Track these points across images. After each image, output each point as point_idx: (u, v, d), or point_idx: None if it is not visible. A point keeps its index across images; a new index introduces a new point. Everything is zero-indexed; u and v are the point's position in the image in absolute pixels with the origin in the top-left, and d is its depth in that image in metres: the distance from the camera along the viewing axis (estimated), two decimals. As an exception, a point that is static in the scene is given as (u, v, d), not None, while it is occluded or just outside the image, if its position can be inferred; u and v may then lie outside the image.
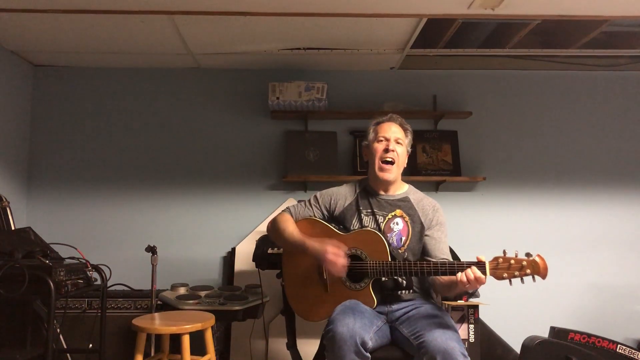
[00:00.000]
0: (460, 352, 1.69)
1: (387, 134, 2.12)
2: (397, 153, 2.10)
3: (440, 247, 2.08)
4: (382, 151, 2.10)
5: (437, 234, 2.10)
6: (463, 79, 3.40)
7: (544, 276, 1.75)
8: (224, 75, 3.39)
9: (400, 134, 2.13)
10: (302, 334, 2.40)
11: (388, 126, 2.15)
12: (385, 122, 2.17)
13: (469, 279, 1.77)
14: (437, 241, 2.09)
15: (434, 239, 2.09)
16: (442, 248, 2.08)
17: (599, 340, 2.62)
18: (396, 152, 2.10)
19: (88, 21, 2.66)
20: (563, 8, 2.48)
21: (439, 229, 2.11)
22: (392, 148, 2.09)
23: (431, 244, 2.09)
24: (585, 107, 3.39)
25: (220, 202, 3.31)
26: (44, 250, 2.26)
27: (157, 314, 2.50)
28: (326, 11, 2.51)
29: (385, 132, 2.12)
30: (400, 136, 2.13)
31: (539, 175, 3.34)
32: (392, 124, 2.15)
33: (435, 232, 2.10)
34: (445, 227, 2.14)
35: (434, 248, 2.08)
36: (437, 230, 2.11)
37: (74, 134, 3.34)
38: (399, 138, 2.12)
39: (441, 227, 2.12)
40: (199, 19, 2.61)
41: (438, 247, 2.08)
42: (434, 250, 2.08)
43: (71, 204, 3.29)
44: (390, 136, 2.11)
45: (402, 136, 2.13)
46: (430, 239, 2.09)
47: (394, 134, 2.12)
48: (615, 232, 3.30)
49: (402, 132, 2.15)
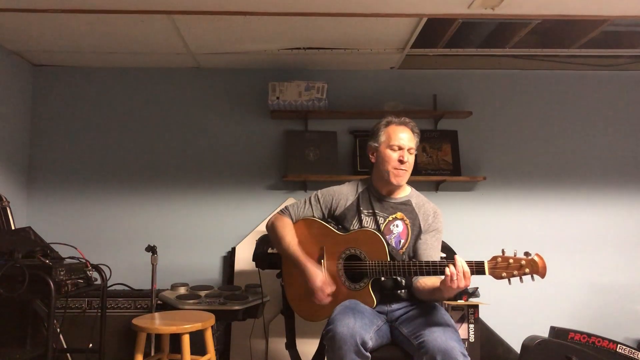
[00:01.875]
0: (460, 352, 1.70)
1: (402, 142, 2.07)
2: (410, 162, 2.09)
3: (429, 253, 2.06)
4: (396, 161, 2.06)
5: (431, 240, 2.09)
6: (463, 78, 3.40)
7: (543, 275, 1.75)
8: (224, 75, 3.39)
9: (412, 143, 2.10)
10: (302, 334, 2.40)
11: (401, 132, 2.09)
12: (397, 125, 2.12)
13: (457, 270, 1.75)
14: (429, 246, 2.07)
15: (426, 244, 2.08)
16: (431, 254, 2.06)
17: (599, 340, 2.62)
18: (408, 161, 2.08)
19: (88, 21, 2.66)
20: (563, 8, 2.48)
21: (434, 235, 2.10)
22: (407, 159, 2.07)
23: (422, 247, 2.07)
24: (585, 107, 3.39)
25: (220, 201, 3.31)
26: (44, 250, 2.26)
27: (157, 313, 2.50)
28: (326, 11, 2.51)
29: (400, 141, 2.07)
30: (412, 145, 2.09)
31: (539, 175, 3.34)
32: (405, 129, 2.10)
33: (429, 238, 2.09)
34: (440, 235, 2.13)
35: (423, 253, 2.06)
36: (432, 236, 2.10)
37: (74, 134, 3.34)
38: (411, 148, 2.09)
39: (437, 233, 2.11)
40: (199, 18, 2.61)
41: (427, 253, 2.06)
42: (422, 255, 2.06)
43: (71, 204, 3.29)
44: (404, 145, 2.07)
45: (414, 144, 2.10)
46: (422, 242, 2.08)
47: (408, 143, 2.08)
48: (615, 232, 3.29)
49: (413, 139, 2.11)
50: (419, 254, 2.07)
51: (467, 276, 1.76)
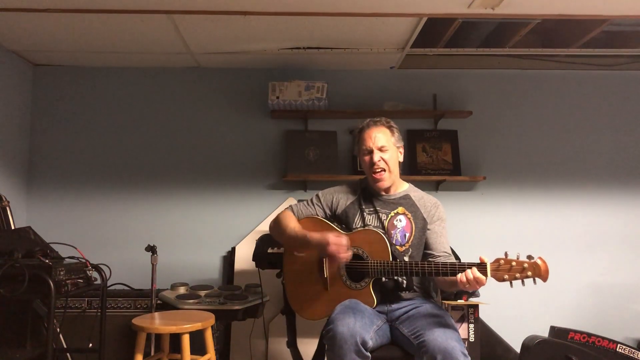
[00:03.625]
0: (460, 352, 1.70)
1: (369, 143, 2.07)
2: (385, 159, 2.06)
3: (441, 241, 2.09)
4: (369, 165, 2.08)
5: (438, 228, 2.12)
6: (463, 78, 3.40)
7: (545, 279, 1.75)
8: (224, 74, 3.39)
9: (383, 140, 2.07)
10: (302, 334, 2.40)
11: (369, 134, 2.09)
12: (365, 129, 2.12)
13: (468, 280, 1.78)
14: (438, 235, 2.10)
15: (435, 233, 2.10)
16: (442, 242, 2.10)
17: (598, 340, 2.62)
18: (382, 160, 2.06)
19: (88, 21, 2.66)
20: (563, 8, 2.48)
21: (439, 224, 2.13)
22: (377, 159, 2.05)
23: (432, 237, 2.10)
24: (585, 106, 3.39)
25: (220, 201, 3.31)
26: (44, 250, 2.25)
27: (157, 313, 2.50)
28: (326, 11, 2.51)
29: (367, 143, 2.07)
30: (383, 142, 2.07)
31: (539, 174, 3.34)
32: (373, 130, 2.09)
33: (436, 227, 2.11)
34: (445, 223, 2.15)
35: (435, 242, 2.09)
36: (438, 225, 2.12)
37: (74, 134, 3.34)
38: (383, 146, 2.06)
39: (442, 222, 2.14)
40: (199, 18, 2.61)
41: (439, 241, 2.09)
42: (435, 243, 2.09)
43: (71, 203, 3.29)
44: (372, 146, 2.06)
45: (385, 141, 2.07)
46: (431, 232, 2.10)
47: (376, 142, 2.06)
48: (615, 231, 3.29)
49: (385, 135, 2.08)
50: (431, 244, 2.09)
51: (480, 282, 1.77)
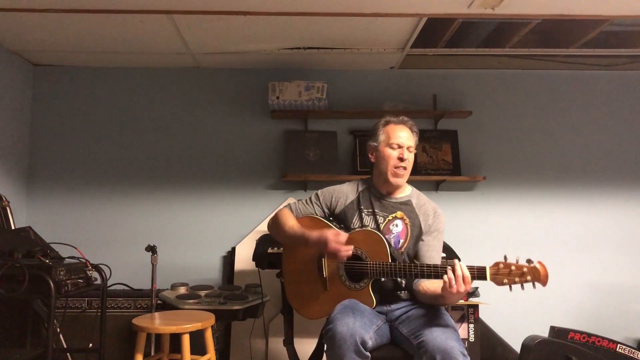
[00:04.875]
0: (459, 352, 1.69)
1: (401, 141, 2.08)
2: (409, 160, 2.10)
3: (431, 255, 2.05)
4: (396, 159, 2.07)
5: (433, 241, 2.08)
6: (463, 78, 3.40)
7: (545, 284, 1.73)
8: (224, 75, 3.39)
9: (411, 141, 2.11)
10: (300, 333, 2.41)
11: (400, 131, 2.10)
12: (396, 124, 2.12)
13: (456, 276, 1.74)
14: (430, 248, 2.07)
15: (428, 245, 2.07)
16: (432, 256, 2.05)
17: (598, 340, 2.62)
18: (408, 159, 2.09)
19: (88, 21, 2.66)
20: (563, 8, 2.48)
21: (435, 236, 2.09)
22: (406, 157, 2.07)
23: (423, 249, 2.07)
24: (585, 106, 3.39)
25: (220, 201, 3.31)
26: (44, 250, 2.26)
27: (157, 313, 2.50)
28: (326, 11, 2.51)
29: (399, 139, 2.08)
30: (411, 143, 2.10)
31: (539, 175, 3.34)
32: (404, 128, 2.11)
33: (430, 239, 2.08)
34: (442, 236, 2.12)
35: (425, 255, 2.05)
36: (434, 237, 2.09)
37: (74, 134, 3.34)
38: (410, 146, 2.10)
39: (438, 234, 2.10)
40: (199, 18, 2.61)
41: (429, 255, 2.05)
42: (423, 256, 2.05)
43: (71, 203, 3.29)
44: (404, 144, 2.08)
45: (413, 143, 2.11)
46: (423, 244, 2.07)
47: (407, 141, 2.09)
48: (615, 231, 3.29)
49: (412, 137, 2.12)
50: (421, 256, 2.06)
51: (467, 281, 1.74)
